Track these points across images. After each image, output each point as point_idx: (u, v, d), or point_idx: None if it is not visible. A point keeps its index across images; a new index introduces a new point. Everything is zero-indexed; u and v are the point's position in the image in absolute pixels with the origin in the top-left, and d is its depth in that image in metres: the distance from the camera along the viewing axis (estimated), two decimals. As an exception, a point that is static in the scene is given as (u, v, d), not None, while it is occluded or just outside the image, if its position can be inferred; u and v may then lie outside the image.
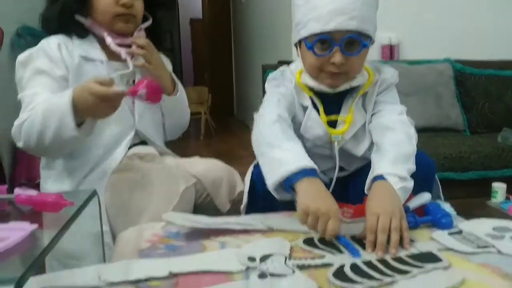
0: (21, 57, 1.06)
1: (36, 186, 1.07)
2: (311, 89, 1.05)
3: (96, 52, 1.12)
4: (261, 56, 4.22)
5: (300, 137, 1.04)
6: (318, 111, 1.05)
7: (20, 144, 1.00)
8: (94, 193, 0.88)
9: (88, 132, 0.98)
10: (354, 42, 0.95)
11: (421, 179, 0.95)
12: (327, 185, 0.98)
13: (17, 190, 0.81)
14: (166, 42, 1.31)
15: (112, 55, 1.13)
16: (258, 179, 1.03)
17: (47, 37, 1.10)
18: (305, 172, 0.87)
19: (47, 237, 0.65)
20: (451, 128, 2.30)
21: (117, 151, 1.10)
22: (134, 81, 1.15)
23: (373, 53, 2.73)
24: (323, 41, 0.95)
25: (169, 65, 1.26)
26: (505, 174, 1.84)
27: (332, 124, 1.06)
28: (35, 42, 1.11)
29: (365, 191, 0.91)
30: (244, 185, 1.13)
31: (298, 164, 0.87)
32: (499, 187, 1.36)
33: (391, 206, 0.82)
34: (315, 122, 1.05)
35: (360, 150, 1.07)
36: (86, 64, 1.10)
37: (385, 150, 0.96)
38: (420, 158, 0.97)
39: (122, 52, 1.11)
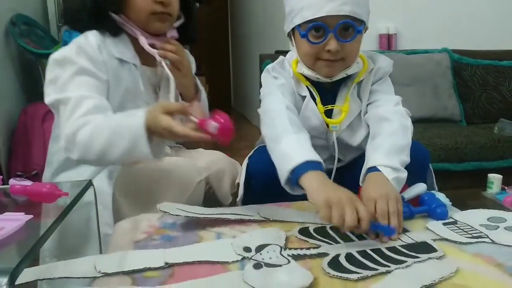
0: (57, 55, 0.98)
1: (32, 178, 1.06)
2: (307, 78, 1.05)
3: (130, 54, 1.05)
4: (258, 45, 4.19)
5: None
6: (314, 101, 1.05)
7: (74, 156, 0.92)
8: (89, 184, 0.88)
9: (158, 152, 0.92)
10: (348, 28, 0.94)
11: (416, 169, 0.96)
12: None
13: (12, 181, 0.81)
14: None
15: (144, 59, 1.08)
16: (253, 171, 1.03)
17: (77, 33, 1.03)
18: (309, 165, 0.85)
19: (42, 228, 0.65)
20: (448, 119, 2.30)
21: None
22: (159, 87, 1.10)
23: (371, 42, 2.72)
24: (317, 28, 0.94)
25: (193, 66, 1.21)
26: (500, 165, 1.84)
27: (328, 114, 1.06)
28: (29, 31, 1.08)
29: (360, 183, 0.92)
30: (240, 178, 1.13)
31: (302, 157, 0.86)
32: (494, 178, 1.37)
33: (386, 190, 0.82)
34: (312, 112, 1.05)
35: (356, 140, 1.07)
36: (122, 68, 1.04)
37: (380, 141, 0.96)
38: (414, 148, 0.97)
39: (156, 55, 1.05)
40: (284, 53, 1.16)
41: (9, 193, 0.79)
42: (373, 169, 0.89)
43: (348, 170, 1.10)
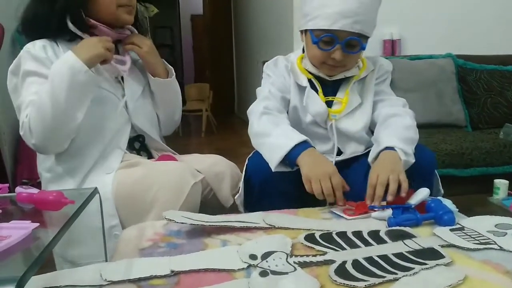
0: (11, 67, 1.05)
1: (38, 185, 1.07)
2: (310, 73, 1.16)
3: None
4: (262, 52, 4.21)
5: (295, 117, 1.16)
6: (316, 92, 1.15)
7: (33, 140, 0.99)
8: (95, 191, 0.88)
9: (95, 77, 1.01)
10: (354, 42, 1.06)
11: (423, 171, 1.04)
12: None
13: (19, 189, 0.81)
14: (167, 39, 1.30)
15: None
16: (252, 171, 1.07)
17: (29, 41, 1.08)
18: (300, 147, 1.00)
19: (49, 236, 0.65)
20: (453, 124, 2.28)
21: (118, 146, 1.10)
22: (122, 77, 1.15)
23: (375, 48, 2.72)
24: (327, 38, 1.05)
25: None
26: (507, 170, 1.82)
27: (328, 105, 1.15)
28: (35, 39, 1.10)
29: (369, 161, 1.04)
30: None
31: (291, 142, 1.00)
32: (501, 184, 1.35)
33: (391, 165, 0.95)
34: (314, 100, 1.14)
35: (354, 127, 1.14)
36: None
37: (395, 130, 1.06)
38: (421, 151, 1.05)
39: (120, 69, 1.12)
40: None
41: (15, 201, 0.80)
42: (388, 148, 1.00)
43: (350, 166, 1.14)
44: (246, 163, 1.12)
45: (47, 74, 1.01)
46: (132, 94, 1.14)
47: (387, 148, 1.00)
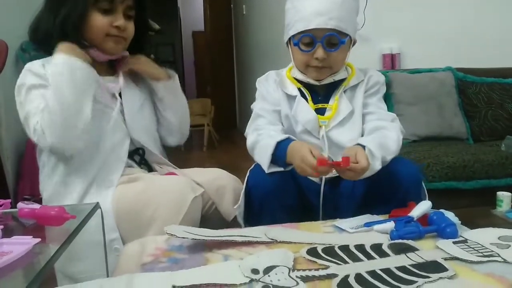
0: (16, 86, 1.07)
1: (40, 201, 1.07)
2: (300, 82, 1.18)
3: None
4: (262, 67, 4.24)
5: (288, 128, 1.18)
6: (306, 100, 1.17)
7: (48, 141, 0.99)
8: (96, 206, 0.88)
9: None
10: (333, 40, 1.10)
11: (408, 185, 1.05)
12: (318, 184, 1.12)
13: (20, 204, 0.81)
14: (168, 55, 1.32)
15: (102, 71, 1.15)
16: (253, 184, 1.08)
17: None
18: (284, 143, 1.04)
19: (50, 251, 0.65)
20: (454, 137, 2.28)
21: (118, 158, 1.10)
22: (120, 94, 1.15)
23: (374, 62, 2.74)
24: (307, 39, 1.10)
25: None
26: (509, 182, 1.81)
27: (320, 114, 1.16)
28: (38, 57, 1.12)
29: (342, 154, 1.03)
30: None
31: (273, 141, 1.05)
32: (504, 196, 1.35)
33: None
34: (304, 108, 1.16)
35: (345, 137, 1.14)
36: None
37: (373, 136, 1.09)
38: (405, 165, 1.07)
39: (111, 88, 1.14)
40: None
41: (17, 216, 0.80)
42: (360, 146, 1.03)
43: (342, 181, 1.13)
44: (247, 175, 1.13)
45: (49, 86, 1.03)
46: (130, 108, 1.16)
47: (358, 144, 1.04)
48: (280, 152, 1.04)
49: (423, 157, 1.83)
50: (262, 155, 1.07)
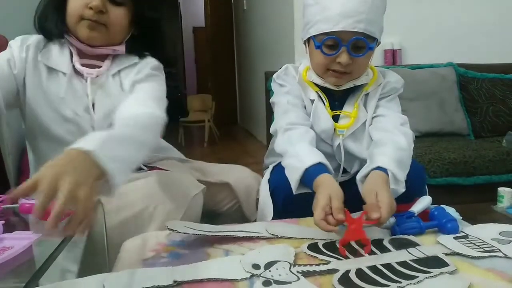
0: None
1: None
2: (316, 85, 1.10)
3: (61, 62, 1.04)
4: (263, 63, 4.23)
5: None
6: (324, 105, 1.09)
7: None
8: (97, 202, 0.88)
9: None
10: (360, 43, 1.00)
11: (414, 184, 0.99)
12: None
13: (22, 200, 0.81)
14: (168, 52, 1.21)
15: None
16: (276, 184, 1.06)
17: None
18: (314, 169, 0.93)
19: (51, 246, 0.65)
20: (455, 133, 2.29)
21: None
22: (94, 105, 1.05)
23: (376, 58, 2.71)
24: (331, 41, 1.00)
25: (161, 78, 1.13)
26: (510, 178, 1.82)
27: (335, 120, 1.10)
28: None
29: (358, 178, 0.96)
30: (261, 190, 1.12)
31: (302, 165, 0.94)
32: (505, 192, 1.34)
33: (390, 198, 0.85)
34: (321, 115, 1.09)
35: (360, 149, 1.09)
36: (49, 73, 1.03)
37: (389, 150, 0.97)
38: (411, 164, 1.00)
39: (84, 73, 1.04)
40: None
41: (18, 212, 0.80)
42: (380, 169, 0.92)
43: (350, 185, 1.08)
44: (267, 177, 1.10)
45: (7, 68, 0.99)
46: (101, 121, 1.03)
47: (379, 168, 0.93)
48: (307, 180, 0.94)
49: (424, 152, 1.83)
50: (290, 176, 0.99)
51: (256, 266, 0.71)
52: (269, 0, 3.90)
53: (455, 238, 0.83)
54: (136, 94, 1.03)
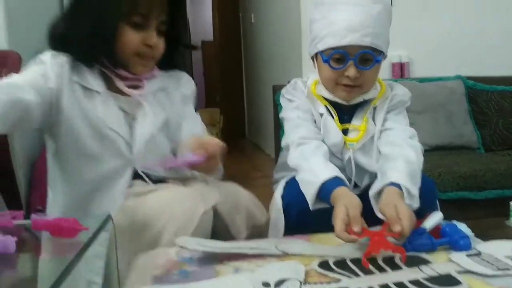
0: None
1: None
2: (325, 99, 1.11)
3: (93, 80, 1.03)
4: (271, 76, 4.25)
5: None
6: (333, 119, 1.10)
7: None
8: (108, 217, 0.88)
9: None
10: (367, 57, 1.02)
11: (425, 199, 0.98)
12: None
13: (34, 216, 0.82)
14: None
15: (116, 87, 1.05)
16: (289, 200, 1.06)
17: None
18: (330, 184, 0.95)
19: (62, 264, 0.65)
20: (465, 146, 2.27)
21: (115, 190, 1.04)
22: (132, 122, 1.07)
23: (384, 71, 2.70)
24: (338, 55, 1.02)
25: (190, 85, 1.20)
26: (523, 192, 1.80)
27: (344, 133, 1.10)
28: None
29: (371, 194, 0.96)
30: (273, 205, 1.11)
31: (317, 180, 0.96)
32: (517, 206, 1.33)
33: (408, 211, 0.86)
34: (331, 128, 1.09)
35: (370, 162, 1.09)
36: (83, 92, 1.02)
37: (400, 165, 0.98)
38: (422, 180, 1.00)
39: (134, 95, 1.05)
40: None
41: (30, 228, 0.80)
42: (394, 185, 0.93)
43: (365, 198, 1.09)
44: (281, 192, 1.10)
45: (47, 78, 0.97)
46: (141, 137, 1.04)
47: (392, 183, 0.94)
48: (324, 194, 0.96)
49: (433, 166, 1.82)
50: (306, 191, 0.99)
51: (266, 284, 0.70)
52: (276, 13, 3.93)
53: (467, 255, 0.81)
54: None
